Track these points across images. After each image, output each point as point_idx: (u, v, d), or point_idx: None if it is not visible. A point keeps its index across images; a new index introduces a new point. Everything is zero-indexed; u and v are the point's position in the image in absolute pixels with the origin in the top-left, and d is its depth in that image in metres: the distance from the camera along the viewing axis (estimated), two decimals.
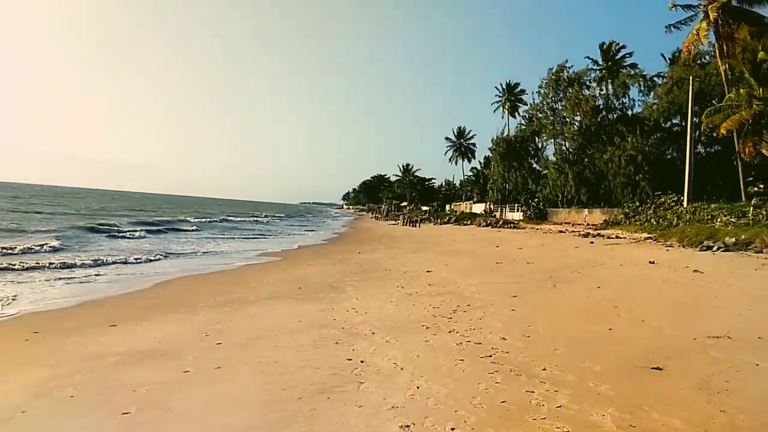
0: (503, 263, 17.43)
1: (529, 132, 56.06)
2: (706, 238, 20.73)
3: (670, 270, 14.61)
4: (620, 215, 36.31)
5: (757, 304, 9.83)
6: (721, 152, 37.16)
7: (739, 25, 29.99)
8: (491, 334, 7.66)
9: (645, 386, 5.45)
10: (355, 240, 33.81)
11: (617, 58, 50.14)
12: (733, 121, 27.54)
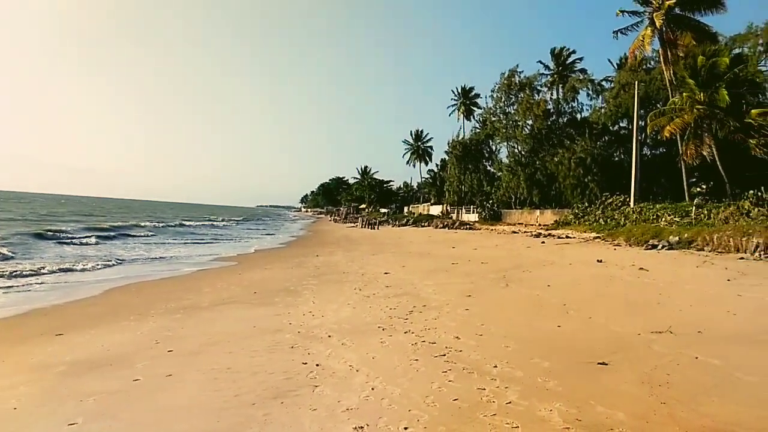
0: (459, 264, 17.70)
1: (483, 135, 57.13)
2: (651, 237, 21.67)
3: (617, 268, 15.20)
4: (570, 216, 37.48)
5: (697, 300, 10.34)
6: (665, 154, 38.86)
7: (682, 32, 31.49)
8: (446, 333, 7.80)
9: (591, 381, 5.67)
10: (313, 243, 33.61)
11: (568, 63, 51.81)
12: (676, 124, 28.87)
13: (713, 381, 5.61)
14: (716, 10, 31.13)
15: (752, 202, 20.93)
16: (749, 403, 4.95)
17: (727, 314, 8.99)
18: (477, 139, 58.69)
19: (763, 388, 5.35)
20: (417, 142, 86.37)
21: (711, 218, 22.16)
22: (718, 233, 18.31)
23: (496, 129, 52.49)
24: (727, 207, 22.36)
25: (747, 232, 17.05)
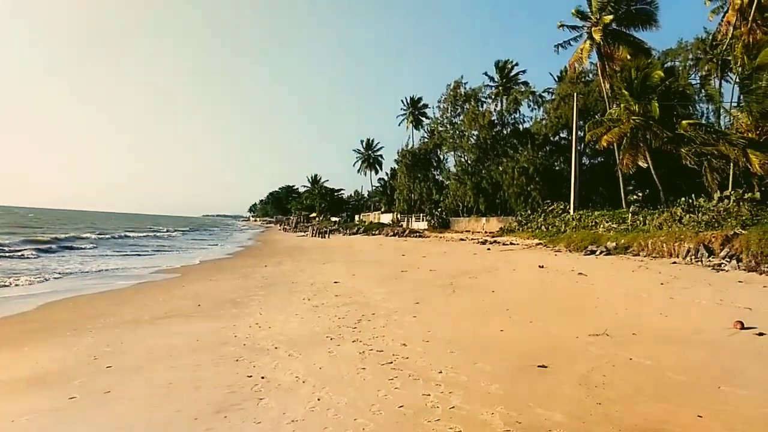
0: (408, 271, 17.89)
1: (431, 145, 58.09)
2: (590, 243, 22.62)
3: (557, 273, 15.77)
4: (514, 223, 38.58)
5: (632, 304, 10.87)
6: (604, 163, 40.69)
7: (618, 47, 33.15)
8: (393, 341, 7.88)
9: (531, 384, 5.88)
10: (261, 253, 33.09)
11: (512, 76, 53.57)
12: (613, 134, 30.27)
13: (646, 381, 5.91)
14: (650, 26, 33.02)
15: (684, 209, 22.16)
16: (679, 401, 5.23)
17: (659, 316, 9.50)
18: (425, 148, 59.59)
19: (693, 386, 5.67)
20: (368, 150, 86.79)
21: (646, 225, 23.32)
22: (653, 239, 19.32)
23: (443, 139, 53.52)
24: (661, 214, 23.59)
25: (679, 238, 18.06)
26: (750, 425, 4.64)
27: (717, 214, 19.61)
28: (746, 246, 14.76)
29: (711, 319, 9.02)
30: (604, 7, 32.22)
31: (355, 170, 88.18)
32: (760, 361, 6.58)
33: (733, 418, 4.78)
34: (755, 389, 5.50)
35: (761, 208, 19.78)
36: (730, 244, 15.72)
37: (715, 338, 7.74)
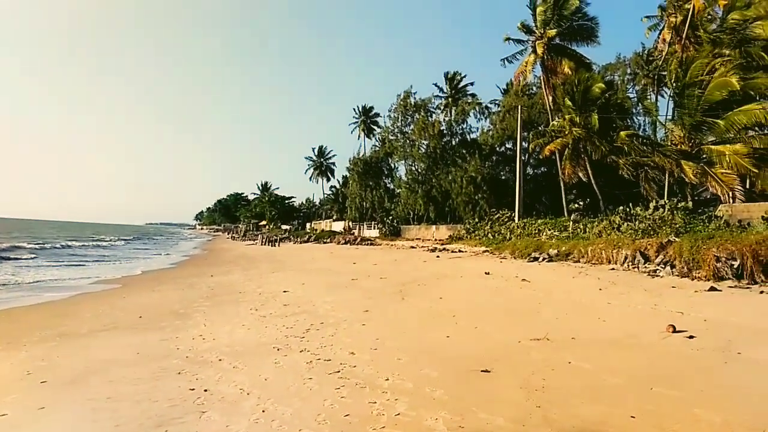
0: (358, 279, 17.91)
1: (382, 153, 58.49)
2: (533, 250, 23.31)
3: (502, 280, 16.19)
4: (463, 231, 39.33)
5: (572, 308, 11.29)
6: (547, 173, 42.08)
7: (561, 60, 34.48)
8: (341, 350, 7.88)
9: (475, 388, 6.02)
10: (207, 262, 32.28)
11: (460, 87, 54.78)
12: (556, 144, 31.40)
13: (584, 383, 6.15)
14: (591, 41, 34.50)
15: (622, 217, 23.18)
16: (615, 403, 5.46)
17: (597, 321, 9.91)
18: (377, 156, 59.92)
19: (627, 388, 5.93)
20: (320, 158, 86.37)
21: (586, 232, 24.26)
22: (592, 246, 20.12)
23: (394, 148, 54.02)
24: (600, 222, 24.59)
25: (617, 245, 18.87)
26: (680, 424, 4.89)
27: (653, 222, 20.63)
28: (679, 253, 15.58)
29: (646, 323, 9.47)
30: (548, 22, 33.45)
31: (307, 178, 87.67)
32: (689, 363, 6.93)
33: (664, 418, 5.03)
34: (685, 390, 5.78)
35: (693, 216, 20.95)
36: (664, 251, 16.56)
37: (649, 342, 8.13)
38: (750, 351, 7.27)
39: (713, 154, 22.42)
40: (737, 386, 5.87)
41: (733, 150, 21.54)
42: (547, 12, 33.03)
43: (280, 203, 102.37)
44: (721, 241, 14.55)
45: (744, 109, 21.45)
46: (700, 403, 5.36)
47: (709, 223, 19.57)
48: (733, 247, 13.99)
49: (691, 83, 23.02)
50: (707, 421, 4.91)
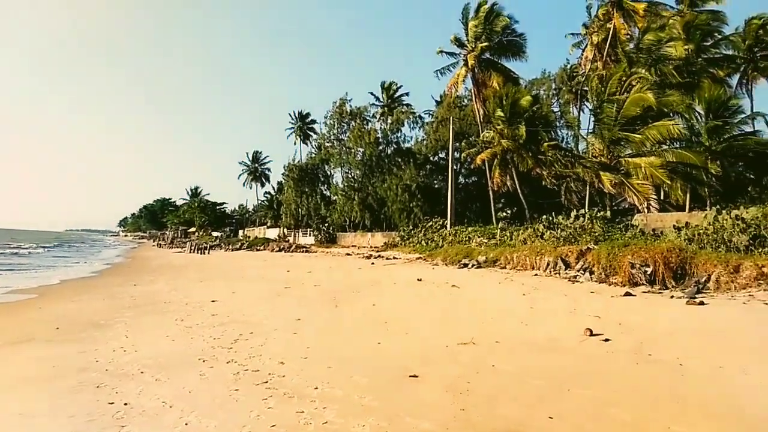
0: (292, 288, 17.70)
1: (318, 160, 58.22)
2: (463, 257, 23.95)
3: (434, 286, 16.51)
4: (397, 238, 39.81)
5: (498, 313, 11.69)
6: (477, 182, 43.39)
7: (491, 74, 35.80)
8: (270, 359, 7.77)
9: (403, 394, 6.12)
10: (131, 271, 30.80)
11: (396, 96, 55.53)
12: (486, 155, 32.50)
13: (506, 386, 6.40)
14: (519, 57, 36.12)
15: (545, 225, 24.25)
16: (535, 404, 5.72)
17: (520, 325, 10.31)
18: (313, 163, 59.55)
19: (546, 390, 6.22)
20: (254, 163, 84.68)
21: (513, 240, 25.18)
22: (518, 253, 20.92)
23: (330, 155, 53.95)
24: (525, 230, 25.60)
25: (540, 252, 19.73)
26: (594, 423, 5.18)
27: (574, 230, 21.73)
28: (597, 260, 16.49)
29: (565, 327, 9.93)
30: (479, 37, 34.63)
31: (241, 183, 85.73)
32: (605, 365, 7.34)
33: (580, 417, 5.30)
34: (600, 390, 6.12)
35: (612, 225, 22.24)
36: (584, 258, 17.48)
37: (568, 345, 8.55)
38: (659, 353, 7.76)
39: (630, 166, 23.95)
40: (647, 386, 6.24)
41: (648, 162, 23.09)
42: (478, 27, 34.23)
43: (211, 209, 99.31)
44: (636, 248, 15.52)
45: (658, 124, 23.09)
46: (613, 402, 5.68)
47: (626, 231, 20.84)
48: (646, 255, 14.96)
49: (609, 99, 24.54)
50: (620, 420, 5.22)
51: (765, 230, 14.90)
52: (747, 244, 14.86)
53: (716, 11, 33.34)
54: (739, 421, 5.06)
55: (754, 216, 15.69)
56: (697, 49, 29.37)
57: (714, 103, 25.01)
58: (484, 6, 34.33)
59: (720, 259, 13.83)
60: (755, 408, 5.36)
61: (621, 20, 31.54)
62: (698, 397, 5.76)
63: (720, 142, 24.96)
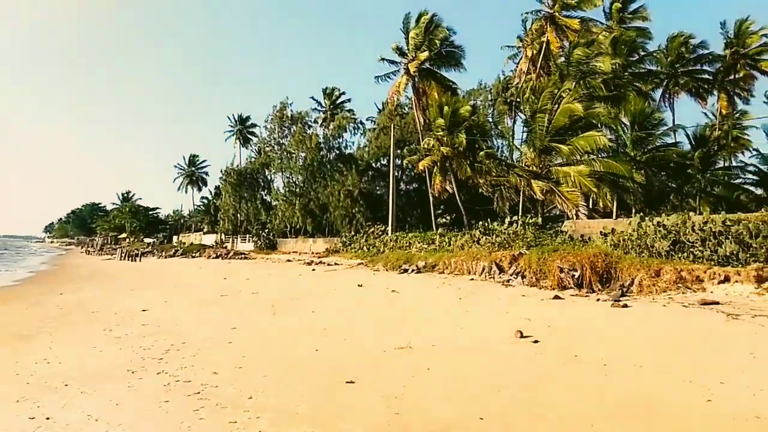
0: (228, 296, 17.35)
1: (258, 164, 57.27)
2: (404, 263, 24.28)
3: (374, 292, 16.65)
4: (339, 244, 39.79)
5: (434, 317, 11.95)
6: (418, 189, 44.06)
7: (431, 83, 36.54)
8: (203, 370, 7.62)
9: (339, 400, 6.16)
10: (58, 279, 29.16)
11: (338, 102, 55.50)
12: (426, 162, 33.12)
13: (440, 389, 6.56)
14: (457, 68, 37.09)
15: (481, 231, 24.98)
16: (467, 405, 5.89)
17: (456, 328, 10.60)
18: (253, 167, 58.50)
19: (478, 391, 6.41)
20: (191, 167, 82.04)
21: (451, 245, 25.77)
22: (455, 258, 21.45)
23: (271, 159, 53.22)
24: (463, 236, 26.27)
25: (476, 257, 20.31)
26: (523, 423, 5.40)
27: (508, 236, 22.52)
28: (529, 264, 17.17)
29: (498, 329, 10.28)
30: (419, 47, 35.28)
31: (176, 188, 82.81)
32: (534, 365, 7.63)
33: (509, 418, 5.52)
34: (528, 391, 6.38)
35: (543, 231, 23.20)
36: (516, 263, 18.14)
37: (500, 347, 8.86)
38: (585, 353, 8.16)
39: (560, 174, 25.07)
40: (574, 386, 6.55)
41: (577, 171, 24.24)
42: (418, 37, 34.88)
43: (144, 214, 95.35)
44: (565, 253, 16.28)
45: (586, 135, 24.32)
46: (541, 402, 5.95)
47: (556, 237, 21.80)
48: (574, 260, 15.72)
49: (541, 110, 25.64)
50: (547, 418, 5.46)
51: (684, 236, 15.95)
52: (668, 250, 15.89)
53: (642, 28, 35.61)
54: (657, 418, 5.38)
55: (674, 223, 16.74)
56: (624, 64, 31.23)
57: (639, 116, 26.68)
58: (425, 17, 35.04)
59: (643, 264, 14.71)
60: (672, 406, 5.70)
61: (554, 34, 33.10)
62: (620, 395, 6.09)
63: (644, 153, 26.62)
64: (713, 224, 15.33)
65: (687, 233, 15.74)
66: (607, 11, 36.67)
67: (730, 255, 14.44)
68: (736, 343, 8.32)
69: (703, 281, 13.29)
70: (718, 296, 12.18)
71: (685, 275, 13.66)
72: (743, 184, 30.52)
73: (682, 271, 13.80)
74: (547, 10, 33.10)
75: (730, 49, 35.43)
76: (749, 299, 11.73)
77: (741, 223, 14.86)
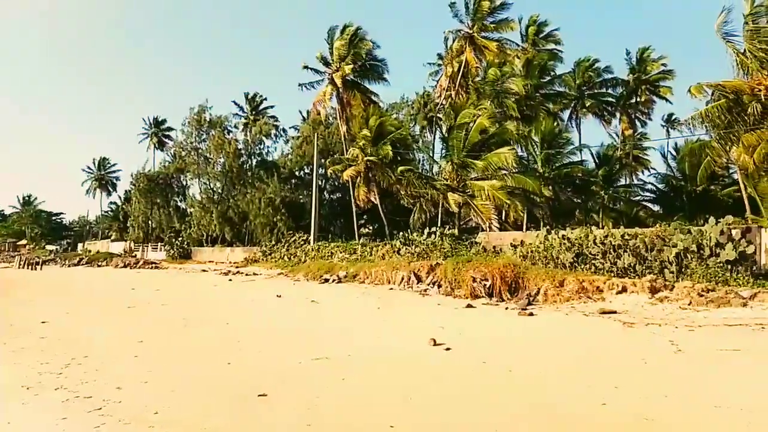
0: (136, 307, 16.54)
1: (172, 169, 54.97)
2: (325, 272, 24.30)
3: (293, 302, 16.53)
4: (259, 253, 38.98)
5: (352, 327, 12.06)
6: (342, 198, 44.17)
7: (356, 94, 36.89)
8: (106, 384, 7.25)
9: (250, 413, 6.08)
10: None
11: (261, 108, 54.52)
12: (350, 172, 33.31)
13: (354, 398, 6.63)
14: (381, 81, 37.72)
15: (402, 242, 25.53)
16: (379, 414, 5.99)
17: (373, 338, 10.76)
18: (166, 172, 56.05)
19: (390, 399, 6.54)
20: (100, 170, 77.24)
21: (372, 255, 26.11)
22: (376, 268, 21.77)
23: (187, 164, 51.28)
24: (384, 246, 26.70)
25: (396, 267, 20.73)
26: (432, 428, 5.57)
27: (426, 247, 23.17)
28: (445, 274, 17.78)
29: (413, 338, 10.53)
30: (343, 58, 35.57)
31: (83, 192, 77.57)
32: (445, 373, 7.89)
33: (418, 425, 5.67)
34: (438, 397, 6.56)
35: (459, 242, 24.06)
36: (434, 273, 18.73)
37: (414, 355, 9.08)
38: (493, 360, 8.52)
39: (476, 188, 26.15)
40: (481, 392, 6.82)
41: (490, 185, 25.39)
42: (342, 48, 35.19)
43: (46, 220, 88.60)
44: (478, 264, 17.01)
45: (499, 151, 25.57)
46: (450, 409, 6.14)
47: (471, 248, 22.68)
48: (486, 270, 16.46)
49: (458, 126, 26.71)
50: (454, 424, 5.65)
51: (586, 249, 17.16)
52: (572, 261, 17.01)
53: (555, 51, 38.01)
54: (558, 422, 5.67)
55: (578, 236, 17.96)
56: (535, 85, 33.14)
57: (548, 135, 28.44)
58: (350, 28, 35.43)
59: (548, 275, 15.66)
60: (571, 411, 6.02)
61: (472, 54, 34.50)
62: (524, 401, 6.40)
63: (553, 170, 28.35)
64: (613, 238, 16.61)
65: (589, 246, 16.94)
66: (523, 33, 38.87)
67: (628, 267, 15.71)
68: (630, 350, 9.04)
69: (603, 291, 14.35)
70: (616, 306, 13.20)
71: (586, 286, 14.68)
72: (642, 200, 33.13)
73: (584, 281, 14.83)
74: (467, 30, 34.47)
75: (633, 74, 38.68)
76: (644, 308, 12.78)
77: (638, 237, 16.22)
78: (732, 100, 18.29)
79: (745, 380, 6.97)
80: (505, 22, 34.28)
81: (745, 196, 22.06)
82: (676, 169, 29.44)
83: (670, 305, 12.60)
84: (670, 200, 29.70)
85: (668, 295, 13.23)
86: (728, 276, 13.96)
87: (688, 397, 6.29)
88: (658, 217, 28.37)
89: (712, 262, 14.39)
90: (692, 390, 6.60)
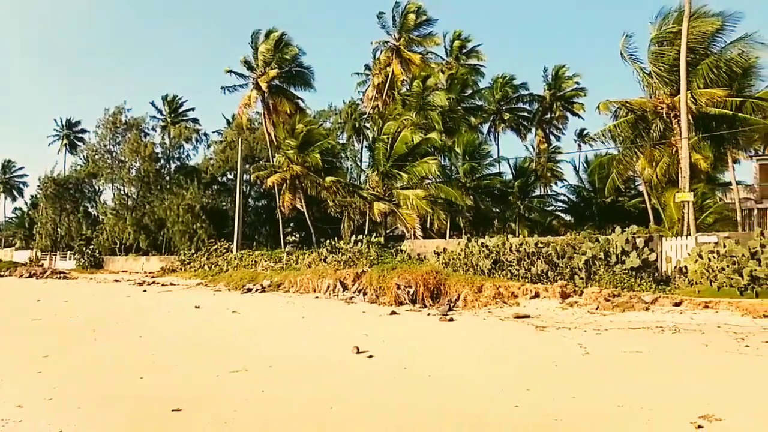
0: (42, 320, 15.37)
1: (84, 173, 51.74)
2: (248, 282, 23.73)
3: (212, 313, 16.01)
4: (177, 262, 37.41)
5: (274, 337, 11.86)
6: (267, 206, 43.40)
7: (282, 100, 36.48)
8: (5, 403, 6.72)
9: (162, 429, 5.84)
10: None
11: (180, 111, 52.51)
12: (275, 179, 32.85)
13: (274, 410, 6.50)
14: (308, 88, 37.64)
15: (329, 250, 25.43)
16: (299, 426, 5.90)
17: (295, 347, 10.64)
18: (77, 177, 52.66)
19: (312, 409, 6.48)
20: (5, 173, 71.31)
21: (299, 263, 25.82)
22: (302, 276, 21.56)
23: (99, 168, 48.43)
24: (311, 254, 26.49)
25: (322, 275, 20.63)
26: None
27: (353, 254, 23.23)
28: (370, 282, 17.93)
29: (337, 346, 10.51)
30: (269, 63, 35.16)
31: None
32: (367, 380, 7.93)
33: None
34: (359, 407, 6.55)
35: (385, 249, 24.32)
36: (359, 280, 18.82)
37: (336, 363, 9.05)
38: (414, 366, 8.67)
39: (401, 197, 26.66)
40: (403, 398, 6.88)
41: (415, 194, 25.99)
42: (268, 53, 34.82)
43: None
44: (402, 271, 17.30)
45: (422, 161, 26.25)
46: (372, 417, 6.15)
47: (397, 255, 23.02)
48: (410, 277, 16.77)
49: (383, 137, 27.19)
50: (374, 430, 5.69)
51: (503, 256, 17.94)
52: (490, 268, 17.70)
53: (477, 67, 39.58)
54: (478, 426, 5.79)
55: (495, 244, 18.73)
56: (457, 99, 34.32)
57: (469, 147, 29.56)
58: (275, 33, 35.10)
59: (468, 281, 16.20)
60: (485, 413, 6.21)
61: (399, 66, 35.26)
62: (441, 404, 6.54)
63: (473, 180, 29.46)
64: (528, 246, 17.47)
65: (506, 253, 17.72)
66: (448, 48, 40.18)
67: (541, 273, 16.57)
68: (542, 353, 9.50)
69: (517, 297, 15.04)
70: (530, 310, 13.87)
71: (503, 291, 15.34)
72: (555, 210, 35.14)
73: (501, 287, 15.48)
74: (393, 42, 35.19)
75: (549, 90, 41.04)
76: (555, 313, 13.51)
77: (550, 245, 17.15)
78: (638, 117, 19.85)
79: (646, 380, 7.50)
80: (430, 37, 35.38)
81: (649, 206, 23.94)
82: (587, 181, 31.38)
83: (580, 310, 13.40)
84: (581, 210, 31.59)
85: (578, 300, 14.07)
86: (633, 282, 15.03)
87: (594, 397, 6.68)
88: (569, 226, 30.08)
89: (618, 268, 15.47)
90: (598, 390, 7.01)
